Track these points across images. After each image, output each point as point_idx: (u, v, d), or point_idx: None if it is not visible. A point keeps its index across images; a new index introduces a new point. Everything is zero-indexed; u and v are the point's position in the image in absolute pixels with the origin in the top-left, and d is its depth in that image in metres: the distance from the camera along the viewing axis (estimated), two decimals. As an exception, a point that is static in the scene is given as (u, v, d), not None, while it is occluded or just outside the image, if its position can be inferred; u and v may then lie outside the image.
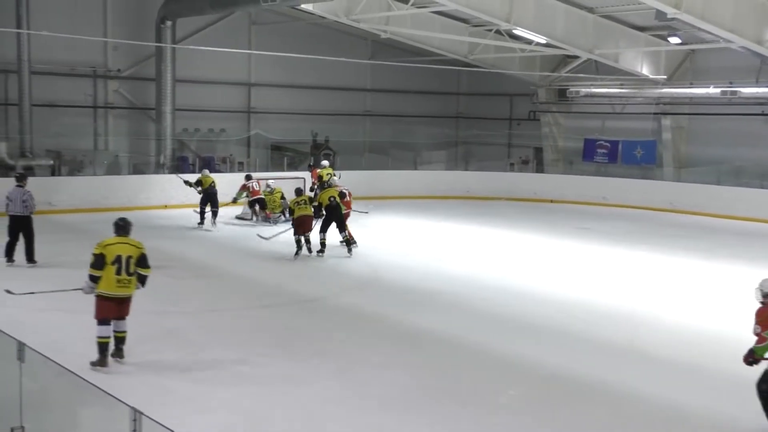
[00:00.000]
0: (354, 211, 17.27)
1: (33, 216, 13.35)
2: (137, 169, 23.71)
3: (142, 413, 4.66)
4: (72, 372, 5.50)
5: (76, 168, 22.13)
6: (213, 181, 18.48)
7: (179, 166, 23.71)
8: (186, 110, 24.68)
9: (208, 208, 18.41)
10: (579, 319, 11.32)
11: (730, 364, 8.23)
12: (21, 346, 5.92)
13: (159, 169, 23.44)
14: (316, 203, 15.60)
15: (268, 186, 19.78)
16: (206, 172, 19.30)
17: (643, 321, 11.34)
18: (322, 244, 15.38)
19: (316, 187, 19.36)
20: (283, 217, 18.99)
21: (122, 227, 8.70)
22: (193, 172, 24.34)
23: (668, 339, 10.46)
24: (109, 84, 24.71)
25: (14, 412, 6.09)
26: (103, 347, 8.44)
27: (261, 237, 16.57)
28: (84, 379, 5.37)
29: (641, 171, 25.95)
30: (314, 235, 15.32)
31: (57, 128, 22.80)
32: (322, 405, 7.81)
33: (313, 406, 7.76)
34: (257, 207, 19.41)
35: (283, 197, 19.50)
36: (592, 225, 20.47)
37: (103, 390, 5.19)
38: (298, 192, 15.92)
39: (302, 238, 15.13)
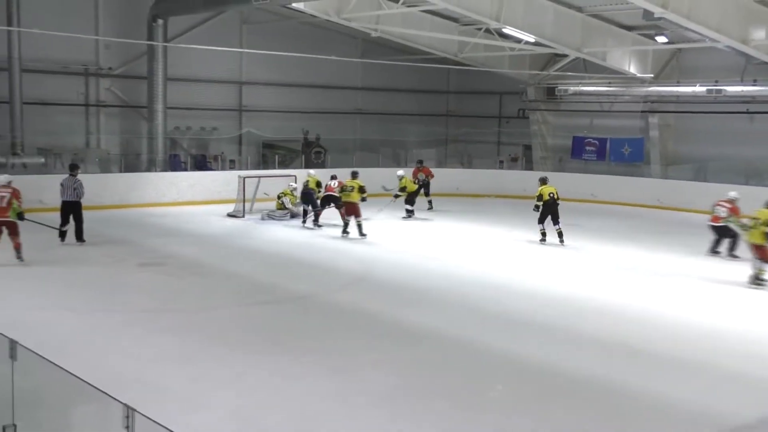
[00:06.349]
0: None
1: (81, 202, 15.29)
2: (129, 167, 23.57)
3: (135, 410, 4.64)
4: (65, 370, 5.47)
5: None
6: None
7: (171, 164, 23.72)
8: (178, 108, 24.70)
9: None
10: (567, 314, 11.47)
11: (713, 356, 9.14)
12: (13, 344, 5.94)
13: (151, 167, 23.46)
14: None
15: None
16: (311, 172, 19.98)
17: (637, 317, 11.48)
18: (543, 233, 17.43)
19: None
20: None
21: None
22: (185, 170, 24.73)
23: (660, 335, 10.59)
24: (101, 82, 24.65)
25: (6, 411, 6.13)
26: None
27: None
28: (77, 377, 5.32)
29: (629, 168, 26.15)
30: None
31: (48, 126, 22.73)
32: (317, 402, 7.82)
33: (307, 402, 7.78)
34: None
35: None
36: (581, 222, 20.63)
37: (96, 387, 5.15)
38: (354, 174, 17.74)
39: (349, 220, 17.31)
